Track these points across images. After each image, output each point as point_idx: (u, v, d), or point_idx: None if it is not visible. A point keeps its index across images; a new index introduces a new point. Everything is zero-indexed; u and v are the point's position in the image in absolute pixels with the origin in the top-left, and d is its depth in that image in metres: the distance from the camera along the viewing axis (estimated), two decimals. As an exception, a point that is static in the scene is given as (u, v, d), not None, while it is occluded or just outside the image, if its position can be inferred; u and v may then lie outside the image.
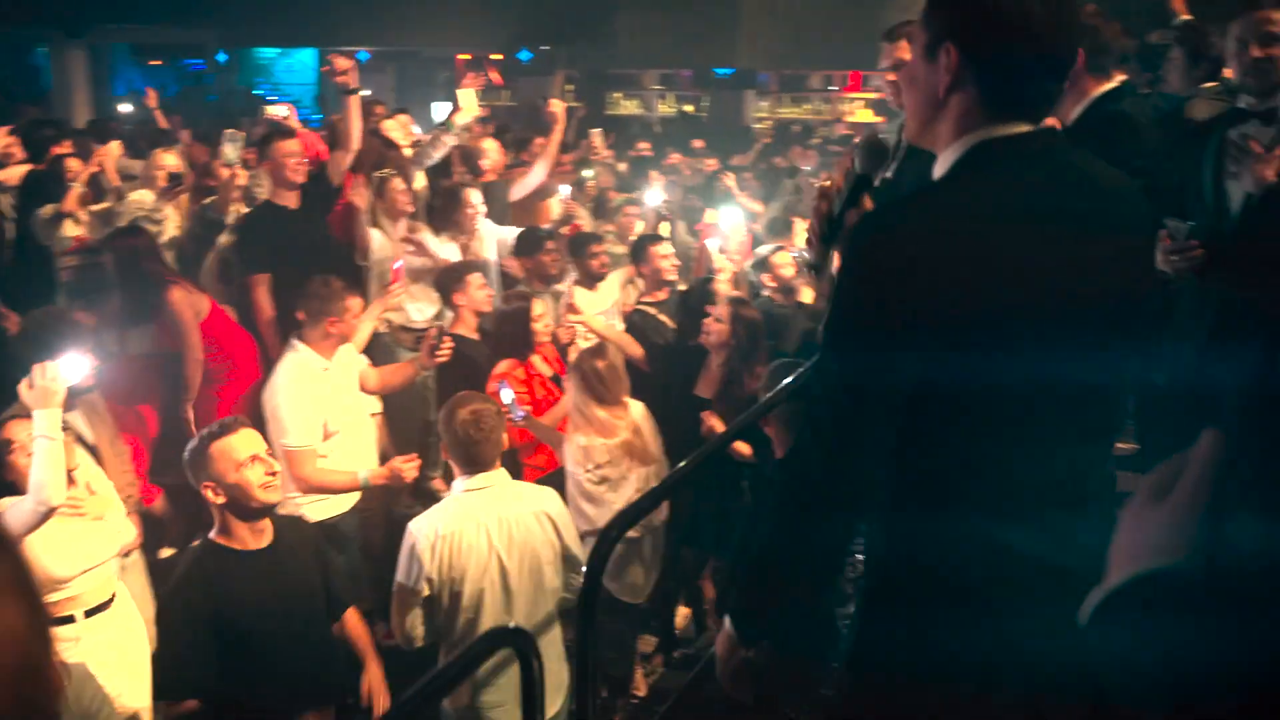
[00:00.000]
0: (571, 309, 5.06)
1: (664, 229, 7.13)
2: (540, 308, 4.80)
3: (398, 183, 5.54)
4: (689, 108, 17.50)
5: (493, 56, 16.62)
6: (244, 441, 3.08)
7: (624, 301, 6.00)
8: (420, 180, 6.09)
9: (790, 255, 5.71)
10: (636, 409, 4.32)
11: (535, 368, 4.89)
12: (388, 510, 4.81)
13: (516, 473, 4.14)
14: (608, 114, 15.85)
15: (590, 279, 5.77)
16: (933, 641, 1.50)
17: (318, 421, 4.06)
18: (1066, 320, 1.48)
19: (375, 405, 4.75)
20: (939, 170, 1.60)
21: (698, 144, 11.71)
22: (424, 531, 3.23)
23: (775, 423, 3.58)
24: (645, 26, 13.68)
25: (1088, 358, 1.47)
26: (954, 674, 1.46)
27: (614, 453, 4.17)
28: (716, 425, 4.40)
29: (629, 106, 17.71)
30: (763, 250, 5.69)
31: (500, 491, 3.34)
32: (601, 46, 13.62)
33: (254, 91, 16.14)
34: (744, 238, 6.77)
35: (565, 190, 6.56)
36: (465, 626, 3.26)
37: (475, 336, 5.16)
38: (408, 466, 4.00)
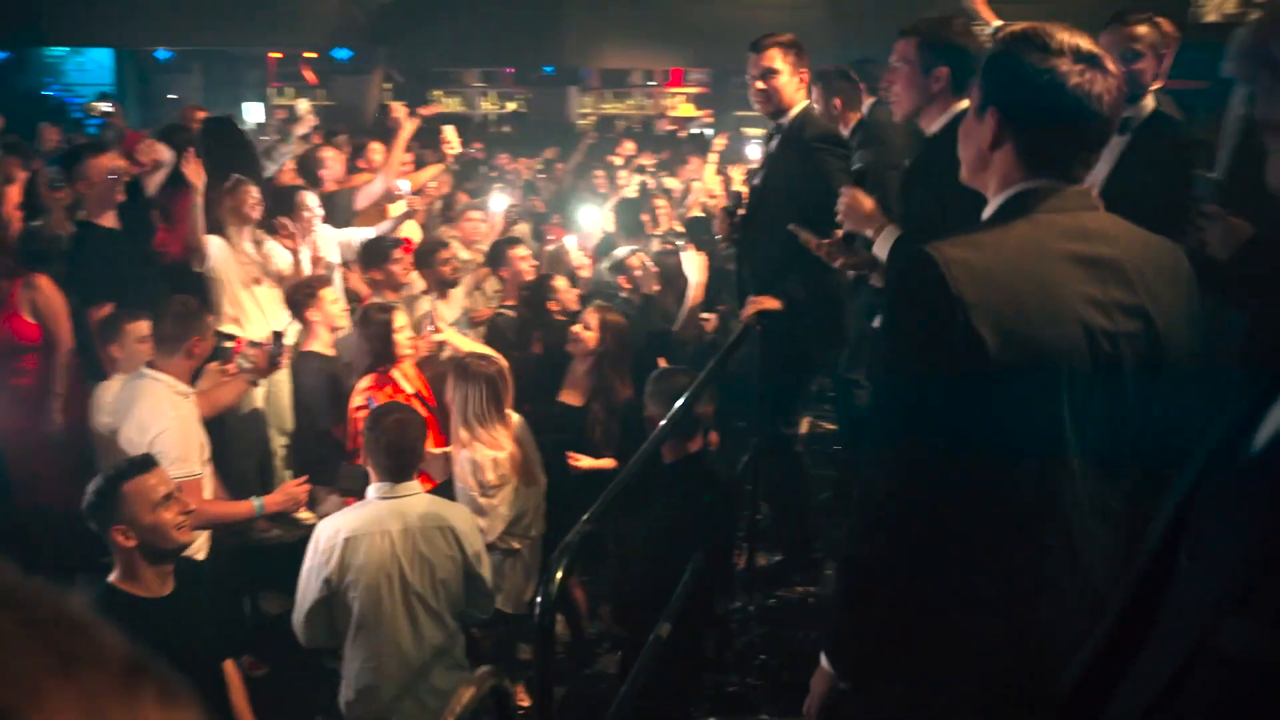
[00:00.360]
0: (433, 322, 4.93)
1: (518, 231, 7.07)
2: (402, 319, 4.66)
3: (252, 189, 5.25)
4: (513, 105, 17.37)
5: (306, 55, 16.01)
6: (159, 479, 2.91)
7: (473, 308, 5.93)
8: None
9: (644, 257, 5.78)
10: (517, 421, 4.27)
11: (398, 383, 4.76)
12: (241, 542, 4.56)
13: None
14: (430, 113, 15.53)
15: (442, 287, 5.66)
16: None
17: (197, 448, 3.83)
18: (1097, 358, 1.62)
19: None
20: (986, 214, 1.77)
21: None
22: (327, 532, 3.27)
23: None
24: (468, 24, 13.46)
25: (1115, 395, 1.63)
26: None
27: (503, 466, 4.12)
28: (581, 463, 4.46)
29: (450, 104, 17.41)
30: (620, 252, 5.72)
31: (412, 502, 3.37)
32: (423, 44, 13.30)
33: (42, 93, 14.97)
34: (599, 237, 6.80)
35: (405, 186, 6.38)
36: (359, 633, 3.27)
37: (331, 353, 4.97)
38: (301, 490, 3.85)
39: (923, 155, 3.20)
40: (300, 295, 4.82)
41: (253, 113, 16.24)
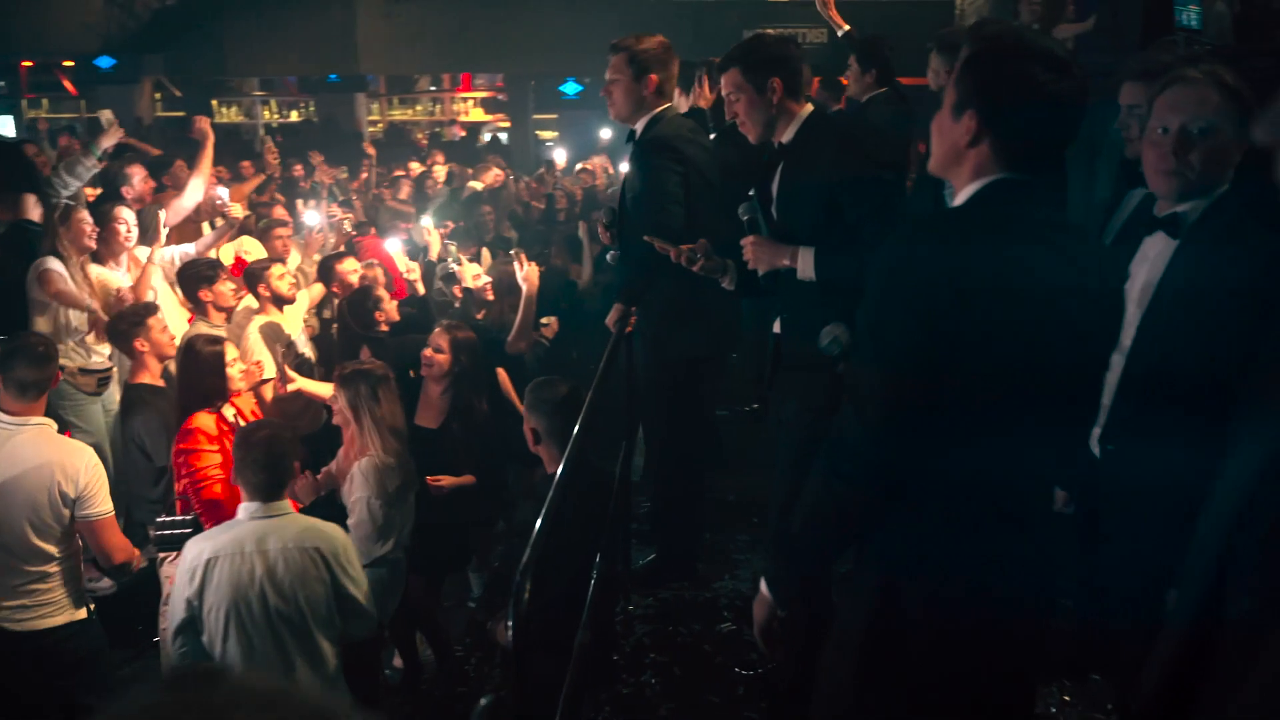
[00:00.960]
0: (284, 376, 4.71)
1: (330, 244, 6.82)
2: (233, 351, 4.41)
3: (85, 215, 4.82)
4: (295, 115, 16.68)
5: (65, 64, 14.78)
6: None
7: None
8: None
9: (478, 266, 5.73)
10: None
11: (227, 419, 4.49)
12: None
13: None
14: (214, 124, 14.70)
15: (279, 303, 5.39)
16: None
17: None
18: (1060, 329, 1.76)
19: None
20: (959, 200, 1.87)
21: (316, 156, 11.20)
22: (192, 553, 3.22)
23: (546, 441, 3.59)
24: (247, 31, 12.79)
25: (1069, 362, 1.79)
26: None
27: (403, 473, 4.06)
28: (444, 483, 4.44)
29: (229, 114, 16.53)
30: (452, 265, 5.65)
31: (281, 523, 3.29)
32: (205, 53, 12.55)
33: None
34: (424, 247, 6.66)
35: (224, 192, 6.03)
36: (224, 655, 3.22)
37: (160, 384, 4.64)
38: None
39: (788, 165, 3.30)
40: (125, 325, 4.47)
41: (2, 125, 14.85)
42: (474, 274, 5.53)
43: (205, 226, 6.09)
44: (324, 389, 4.72)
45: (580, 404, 3.65)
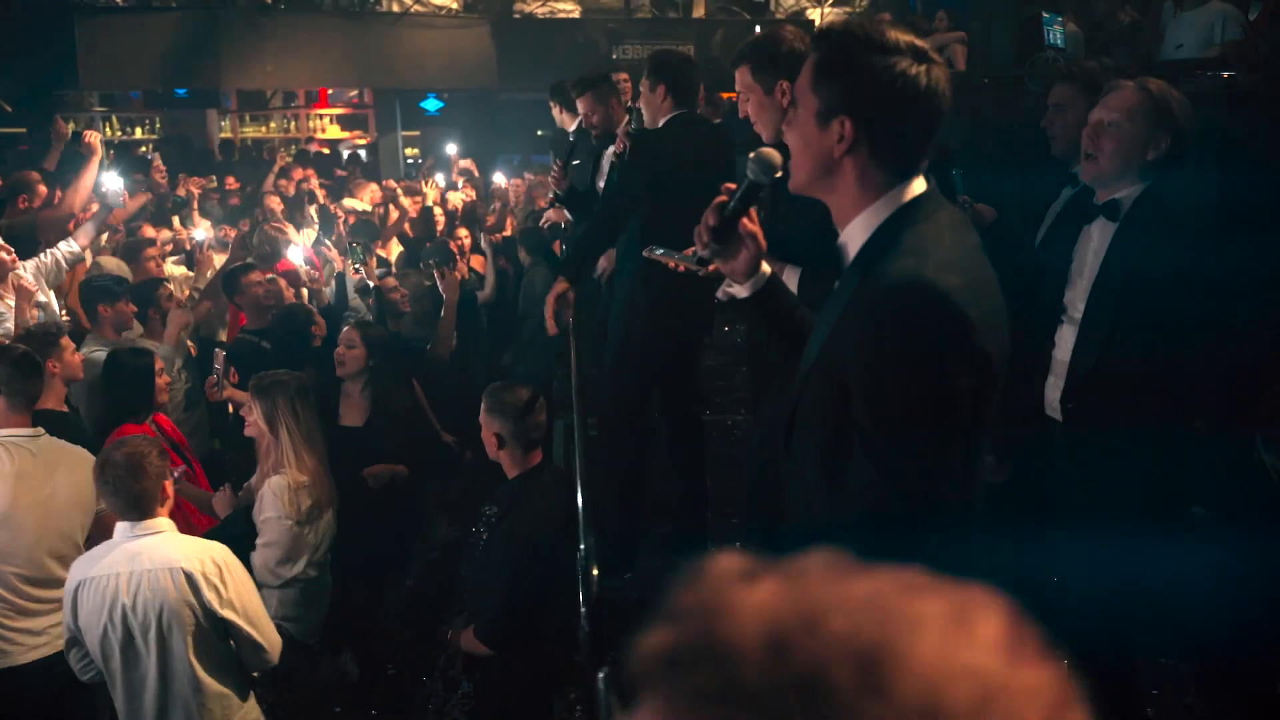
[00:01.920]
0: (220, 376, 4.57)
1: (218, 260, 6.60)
2: (160, 361, 4.27)
3: None
4: (139, 132, 15.90)
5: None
6: None
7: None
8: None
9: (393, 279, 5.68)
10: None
11: (153, 431, 4.34)
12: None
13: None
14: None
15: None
16: None
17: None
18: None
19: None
20: (866, 224, 1.77)
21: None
22: (72, 576, 3.21)
23: (511, 445, 3.61)
24: (102, 46, 12.14)
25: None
26: None
27: (316, 491, 3.97)
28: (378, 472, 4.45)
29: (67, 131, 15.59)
30: (356, 266, 5.60)
31: (152, 542, 3.18)
32: (50, 67, 11.84)
33: None
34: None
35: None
36: (109, 672, 3.19)
37: (64, 409, 4.40)
38: None
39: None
40: (36, 344, 4.22)
41: None
42: (391, 285, 5.48)
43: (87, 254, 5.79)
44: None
45: (539, 408, 3.71)
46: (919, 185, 1.77)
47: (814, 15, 12.60)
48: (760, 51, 3.12)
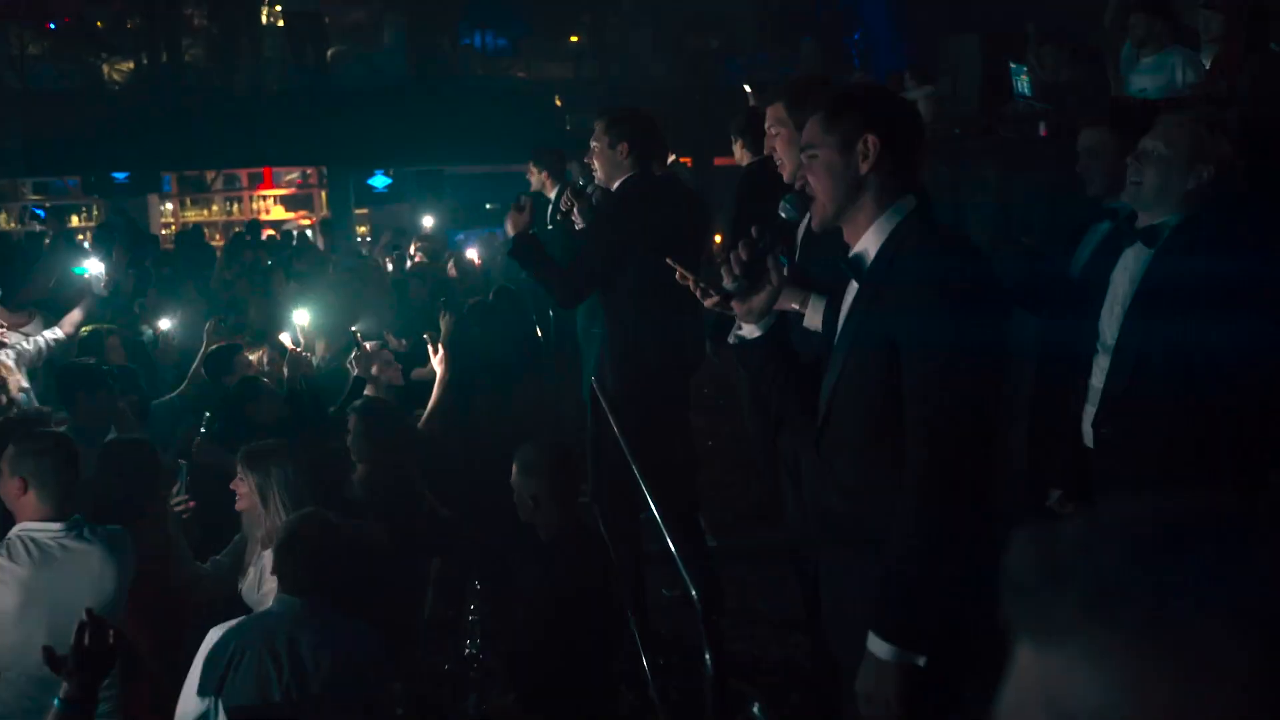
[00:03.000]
0: None
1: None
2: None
3: None
4: (76, 219, 15.61)
5: None
6: None
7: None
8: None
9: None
10: None
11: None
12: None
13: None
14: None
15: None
16: None
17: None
18: None
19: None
20: (881, 230, 2.14)
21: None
22: None
23: (547, 505, 3.54)
24: (19, 128, 11.96)
25: None
26: None
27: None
28: None
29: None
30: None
31: None
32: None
33: None
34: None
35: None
36: None
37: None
38: None
39: None
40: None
41: None
42: (385, 358, 5.37)
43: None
44: None
45: (574, 464, 3.66)
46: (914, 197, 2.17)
47: (762, 78, 12.91)
48: (796, 89, 3.25)
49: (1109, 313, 3.08)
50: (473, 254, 9.80)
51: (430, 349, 5.40)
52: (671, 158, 6.32)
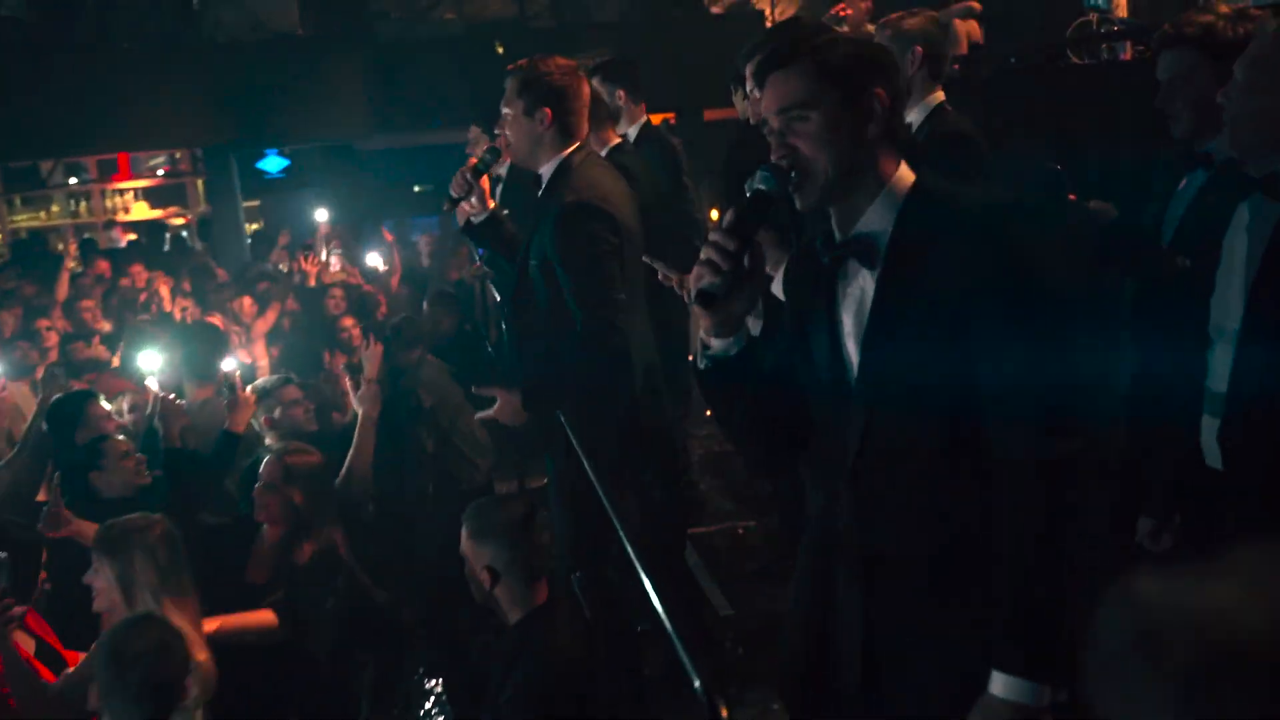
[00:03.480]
0: None
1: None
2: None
3: None
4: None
5: None
6: None
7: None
8: None
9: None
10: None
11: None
12: None
13: None
14: None
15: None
16: None
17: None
18: None
19: None
20: (888, 205, 2.32)
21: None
22: None
23: (508, 579, 3.58)
24: None
25: None
26: None
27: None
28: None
29: None
30: (267, 383, 5.52)
31: None
32: None
33: None
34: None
35: None
36: None
37: None
38: None
39: None
40: None
41: None
42: (294, 395, 5.41)
43: None
44: None
45: (539, 526, 3.69)
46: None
47: (762, 5, 12.99)
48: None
49: (1226, 288, 3.09)
50: (375, 260, 9.83)
51: (348, 385, 5.43)
52: (643, 118, 6.38)
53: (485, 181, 4.52)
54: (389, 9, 13.81)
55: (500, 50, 12.21)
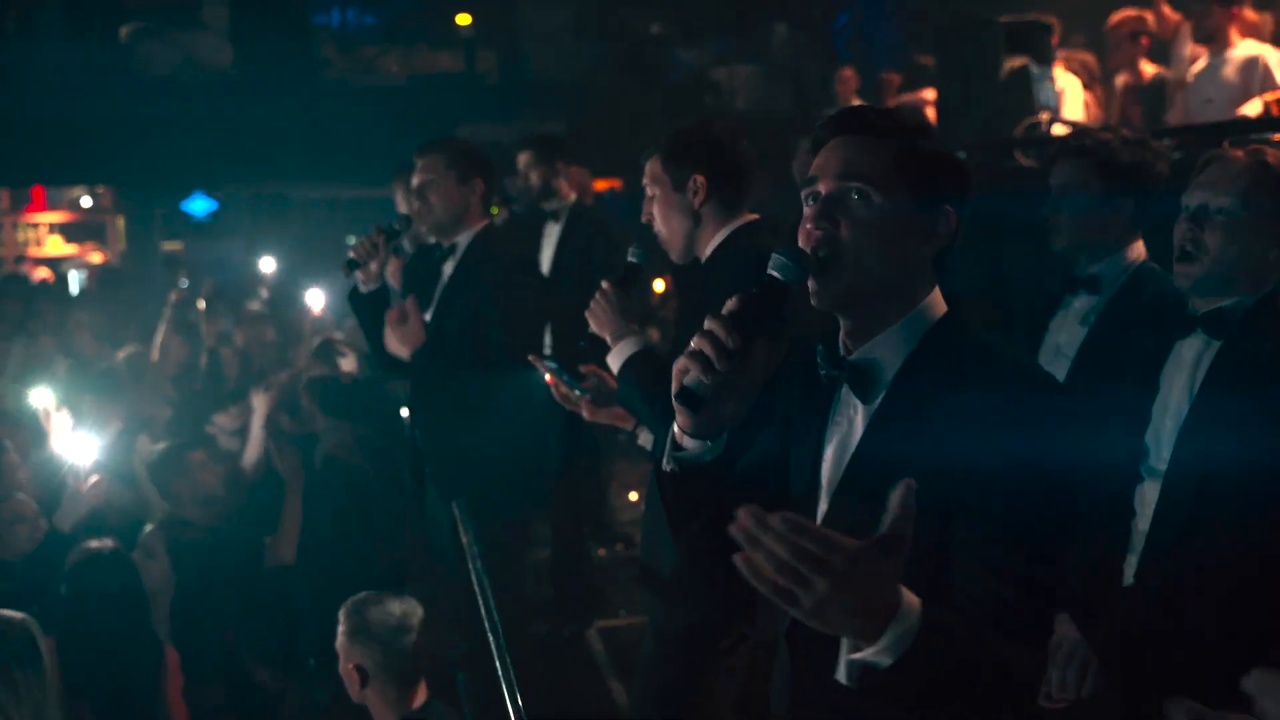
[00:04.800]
0: None
1: None
2: None
3: None
4: None
5: None
6: None
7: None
8: None
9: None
10: None
11: None
12: None
13: None
14: None
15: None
16: None
17: None
18: None
19: None
20: (906, 336, 2.09)
21: None
22: None
23: (379, 682, 3.50)
24: None
25: None
26: None
27: None
28: None
29: None
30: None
31: None
32: None
33: None
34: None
35: None
36: None
37: None
38: None
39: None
40: None
41: None
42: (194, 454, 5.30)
43: None
44: None
45: (418, 626, 3.61)
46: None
47: (719, 76, 13.11)
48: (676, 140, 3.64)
49: (1160, 428, 3.09)
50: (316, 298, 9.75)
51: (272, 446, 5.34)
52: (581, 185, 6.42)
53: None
54: (330, 56, 13.83)
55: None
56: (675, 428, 2.18)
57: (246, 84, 12.94)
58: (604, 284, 3.55)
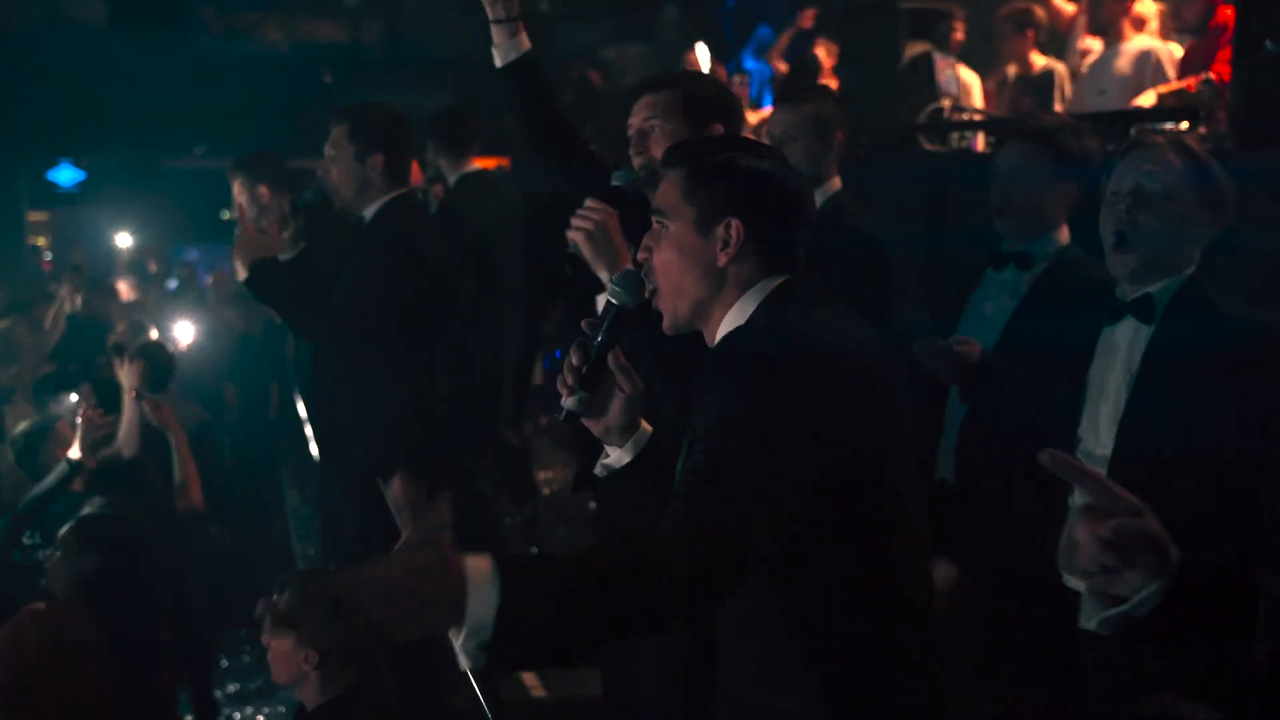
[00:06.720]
0: None
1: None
2: None
3: None
4: None
5: None
6: None
7: None
8: None
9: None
10: None
11: None
12: None
13: None
14: None
15: None
16: None
17: None
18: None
19: None
20: (735, 317, 2.19)
21: None
22: None
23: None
24: None
25: None
26: None
27: None
28: None
29: None
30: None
31: None
32: None
33: None
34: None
35: None
36: None
37: None
38: None
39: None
40: None
41: None
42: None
43: None
44: None
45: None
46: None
47: (609, 54, 13.10)
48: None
49: (1096, 415, 3.13)
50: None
51: (146, 404, 5.25)
52: (477, 164, 6.41)
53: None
54: (209, 20, 13.52)
55: (328, 79, 12.07)
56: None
57: (118, 47, 12.56)
58: (590, 202, 3.11)
